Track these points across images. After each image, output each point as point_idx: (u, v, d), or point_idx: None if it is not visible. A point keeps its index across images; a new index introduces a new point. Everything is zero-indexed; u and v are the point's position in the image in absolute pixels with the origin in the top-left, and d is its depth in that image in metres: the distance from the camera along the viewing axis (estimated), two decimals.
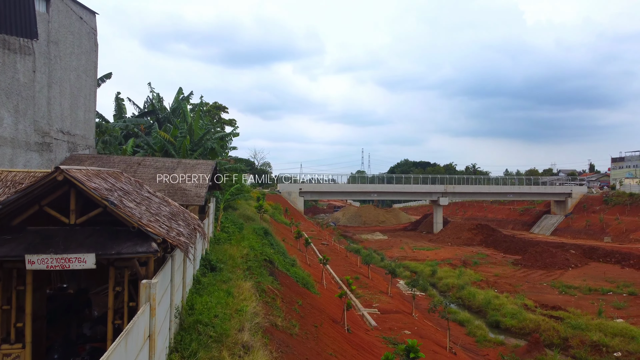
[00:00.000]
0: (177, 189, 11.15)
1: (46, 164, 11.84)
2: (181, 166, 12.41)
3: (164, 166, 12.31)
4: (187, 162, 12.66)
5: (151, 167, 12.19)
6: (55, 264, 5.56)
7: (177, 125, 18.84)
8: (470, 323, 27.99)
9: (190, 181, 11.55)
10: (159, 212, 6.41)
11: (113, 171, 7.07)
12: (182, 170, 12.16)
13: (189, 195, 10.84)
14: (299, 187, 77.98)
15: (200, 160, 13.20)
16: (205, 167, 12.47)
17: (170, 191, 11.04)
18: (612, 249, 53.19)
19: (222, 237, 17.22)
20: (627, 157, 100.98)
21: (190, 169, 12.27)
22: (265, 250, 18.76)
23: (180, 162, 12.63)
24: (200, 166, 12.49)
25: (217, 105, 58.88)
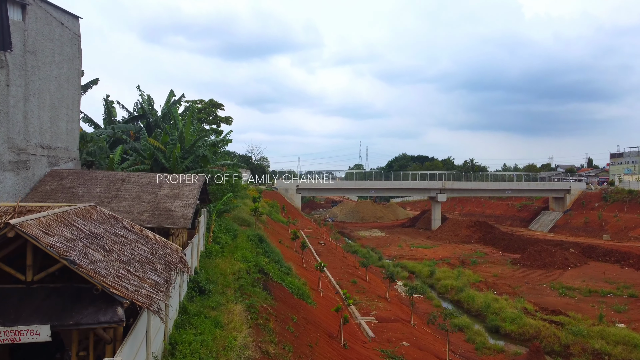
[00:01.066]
0: (162, 209, 10.51)
1: (23, 183, 11.16)
2: (168, 182, 11.73)
3: (149, 183, 11.65)
4: (174, 179, 11.98)
5: (136, 184, 11.53)
6: (3, 337, 4.91)
7: (167, 132, 18.15)
8: (469, 329, 27.49)
9: (177, 200, 10.90)
10: (133, 258, 5.78)
11: (84, 208, 6.42)
12: (168, 187, 11.49)
13: (174, 217, 10.21)
14: (296, 184, 77.34)
15: (188, 176, 12.55)
16: (193, 184, 11.80)
17: (155, 212, 10.41)
18: (611, 248, 52.79)
19: (213, 249, 16.60)
20: (626, 153, 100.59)
21: (177, 186, 11.60)
22: (259, 261, 18.16)
23: (166, 178, 12.00)
24: (188, 183, 11.83)
25: (212, 103, 57.95)
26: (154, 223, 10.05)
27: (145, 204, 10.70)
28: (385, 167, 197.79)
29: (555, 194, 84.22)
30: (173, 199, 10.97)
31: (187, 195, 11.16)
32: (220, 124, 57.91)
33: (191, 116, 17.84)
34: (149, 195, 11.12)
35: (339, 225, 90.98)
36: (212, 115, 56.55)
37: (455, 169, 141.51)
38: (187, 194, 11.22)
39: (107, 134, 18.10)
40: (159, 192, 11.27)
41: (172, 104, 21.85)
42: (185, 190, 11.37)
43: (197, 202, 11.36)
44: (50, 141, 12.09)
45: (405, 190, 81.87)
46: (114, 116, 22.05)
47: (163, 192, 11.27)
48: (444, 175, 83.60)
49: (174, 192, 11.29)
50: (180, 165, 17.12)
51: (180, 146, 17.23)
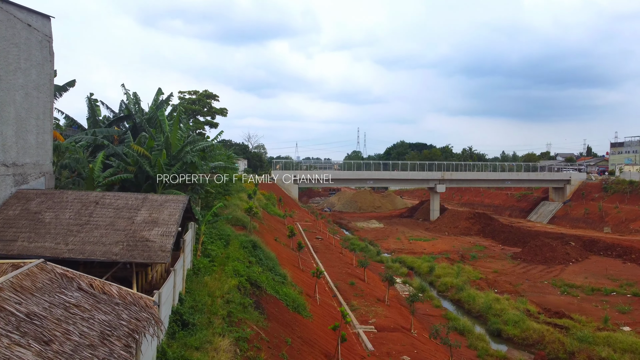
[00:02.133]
0: (138, 239, 9.41)
1: None
2: (147, 204, 10.58)
3: (126, 205, 10.51)
4: (155, 200, 10.83)
5: (111, 207, 10.39)
6: None
7: (153, 136, 16.95)
8: (471, 333, 26.66)
9: (156, 227, 9.78)
10: (81, 344, 4.71)
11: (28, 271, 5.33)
12: (147, 211, 10.34)
13: (152, 248, 9.12)
14: (293, 174, 76.20)
15: (170, 195, 11.40)
16: (175, 204, 10.65)
17: (130, 243, 9.31)
18: (612, 242, 52.03)
19: (202, 264, 15.53)
20: (626, 142, 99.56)
21: (157, 208, 10.44)
22: (251, 274, 17.11)
23: (146, 199, 10.81)
24: (169, 204, 10.64)
25: (207, 94, 56.42)
26: (128, 257, 8.97)
27: (119, 232, 9.58)
28: (384, 154, 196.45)
29: (555, 184, 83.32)
30: (151, 225, 9.86)
31: (167, 221, 10.03)
32: (215, 116, 56.54)
33: (179, 119, 16.64)
34: (125, 221, 9.99)
35: (337, 216, 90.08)
36: (207, 106, 55.11)
37: (454, 157, 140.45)
38: (167, 219, 10.10)
39: (87, 140, 16.89)
40: (136, 217, 10.14)
41: (159, 104, 20.58)
42: (165, 215, 10.24)
43: (179, 228, 10.25)
44: (16, 157, 10.92)
45: (404, 180, 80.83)
46: (98, 115, 20.79)
47: (140, 217, 10.13)
48: (443, 165, 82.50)
49: (152, 216, 10.16)
50: (167, 172, 15.96)
51: (167, 152, 16.06)
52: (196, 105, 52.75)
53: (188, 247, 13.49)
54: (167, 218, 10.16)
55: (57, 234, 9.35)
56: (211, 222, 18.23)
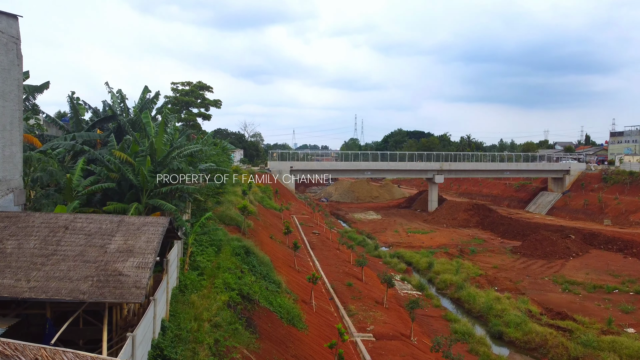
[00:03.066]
0: (110, 273, 8.38)
1: None
2: (123, 228, 9.51)
3: (99, 230, 9.43)
4: (131, 223, 9.76)
5: (82, 232, 9.32)
6: None
7: (137, 140, 15.85)
8: (472, 337, 25.90)
9: (132, 258, 8.74)
10: None
11: None
12: (122, 236, 9.28)
13: (125, 284, 8.11)
14: (290, 165, 75.09)
15: (149, 218, 10.34)
16: (154, 229, 9.57)
17: (101, 278, 8.29)
18: (613, 235, 51.32)
19: (190, 279, 14.55)
20: (626, 132, 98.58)
21: (133, 233, 9.38)
22: (243, 287, 16.16)
23: (122, 222, 9.75)
24: (148, 228, 9.56)
25: (200, 85, 54.93)
26: (98, 295, 7.93)
27: (90, 265, 8.54)
28: (381, 142, 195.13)
29: (554, 174, 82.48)
30: (126, 255, 8.82)
31: (144, 249, 8.99)
32: (209, 107, 55.15)
33: (164, 122, 15.53)
34: (96, 250, 8.94)
35: (334, 206, 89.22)
36: (200, 98, 53.69)
37: (452, 145, 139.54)
38: (144, 247, 9.05)
39: (65, 147, 15.76)
40: (110, 245, 9.09)
41: (144, 104, 19.36)
42: (142, 242, 9.19)
43: (157, 257, 9.23)
44: None
45: (402, 171, 79.86)
46: (81, 115, 19.63)
47: (114, 245, 9.08)
48: (442, 155, 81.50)
49: (128, 244, 9.11)
50: (152, 180, 14.90)
51: (151, 159, 14.98)
52: (189, 97, 51.37)
53: (172, 266, 12.49)
54: (144, 246, 9.12)
55: (18, 268, 8.32)
56: (200, 234, 17.22)
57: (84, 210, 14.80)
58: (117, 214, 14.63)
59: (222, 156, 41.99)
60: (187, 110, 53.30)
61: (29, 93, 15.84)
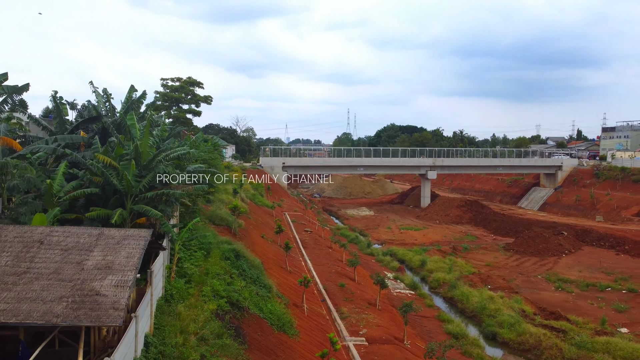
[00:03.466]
0: (87, 292, 7.89)
1: None
2: (102, 242, 8.98)
3: (76, 245, 8.90)
4: (111, 236, 9.24)
5: (58, 247, 8.79)
6: None
7: (122, 143, 15.28)
8: (465, 337, 25.65)
9: (110, 275, 8.24)
10: None
11: None
12: (101, 251, 8.76)
13: (102, 306, 7.62)
14: (282, 161, 74.51)
15: (130, 230, 9.82)
16: (135, 242, 9.05)
17: (77, 299, 7.79)
18: (605, 232, 51.41)
19: (177, 288, 14.05)
20: (617, 127, 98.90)
21: (113, 247, 8.86)
22: (232, 294, 15.68)
23: (101, 236, 9.22)
24: (128, 242, 9.03)
25: (191, 81, 54.01)
26: (72, 318, 7.43)
27: (65, 284, 8.03)
28: (374, 137, 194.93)
29: (547, 170, 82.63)
30: (105, 272, 8.32)
31: (124, 265, 8.49)
32: (200, 104, 54.29)
33: (150, 124, 14.96)
34: (73, 267, 8.43)
35: (327, 202, 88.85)
36: (190, 94, 52.82)
37: (445, 140, 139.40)
38: (124, 263, 8.55)
39: (46, 151, 15.13)
40: (87, 261, 8.58)
41: (131, 104, 18.69)
42: (122, 257, 8.68)
43: (138, 274, 8.72)
44: None
45: (395, 167, 79.56)
46: (65, 115, 18.99)
47: (92, 261, 8.57)
48: (434, 151, 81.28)
49: (107, 259, 8.60)
50: (137, 185, 14.36)
51: (136, 163, 14.43)
52: (179, 93, 50.51)
53: (158, 276, 11.98)
54: (123, 262, 8.63)
55: None
56: (188, 240, 16.68)
57: (66, 217, 14.26)
58: (101, 220, 14.12)
59: (213, 153, 41.38)
60: (178, 106, 52.52)
61: (8, 94, 15.20)
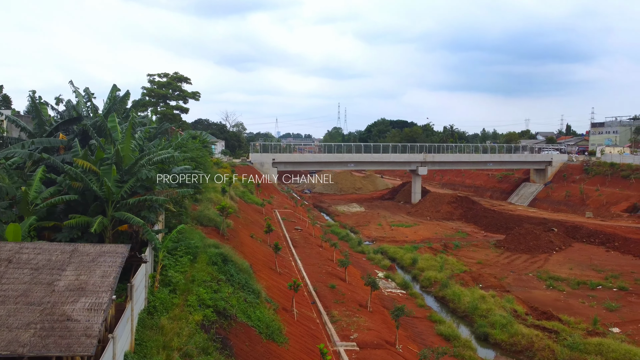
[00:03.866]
0: (57, 318, 7.31)
1: None
2: (75, 260, 8.36)
3: (48, 263, 8.28)
4: (86, 253, 8.64)
5: (28, 266, 8.17)
6: None
7: (102, 146, 14.61)
8: (457, 339, 25.38)
9: (83, 297, 7.65)
10: None
11: None
12: (74, 270, 8.16)
13: (73, 332, 7.05)
14: (272, 157, 73.90)
15: (107, 246, 9.22)
16: (111, 260, 8.43)
17: (46, 325, 7.22)
18: (595, 228, 51.54)
19: (160, 299, 13.46)
20: (607, 123, 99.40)
21: (87, 266, 8.25)
22: (219, 302, 15.14)
23: (75, 253, 8.59)
24: (104, 259, 8.41)
25: (178, 77, 52.99)
26: (40, 348, 6.85)
27: (33, 308, 7.43)
28: (364, 131, 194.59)
29: (537, 165, 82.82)
30: (77, 294, 7.72)
31: (99, 286, 7.89)
32: (187, 100, 53.34)
33: (131, 127, 14.31)
34: (43, 289, 7.83)
35: (317, 198, 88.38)
36: (178, 90, 51.84)
37: (435, 135, 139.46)
38: (98, 283, 7.95)
39: (21, 156, 14.42)
40: (59, 282, 7.98)
41: (113, 105, 17.94)
42: (97, 277, 8.08)
43: (114, 297, 8.11)
44: None
45: (386, 163, 79.25)
46: (45, 116, 18.24)
47: (64, 282, 7.97)
48: (425, 147, 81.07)
49: (80, 279, 7.99)
50: (118, 191, 13.73)
51: (117, 167, 13.80)
52: (166, 90, 49.54)
53: (139, 290, 11.39)
54: (98, 282, 8.05)
55: None
56: (172, 249, 16.07)
57: (44, 225, 13.62)
58: (80, 227, 13.51)
59: (202, 151, 40.62)
60: (165, 103, 51.54)
61: None
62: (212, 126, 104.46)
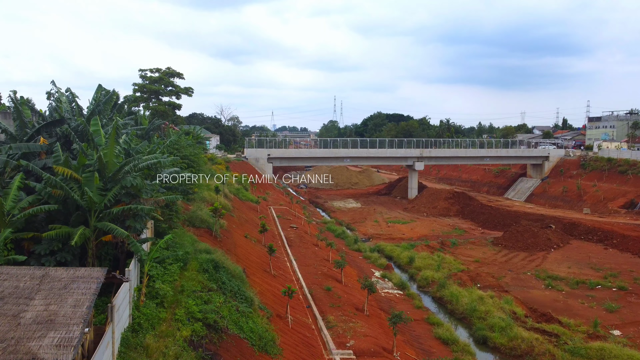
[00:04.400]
0: (21, 356, 6.59)
1: None
2: (45, 286, 7.61)
3: (15, 291, 7.51)
4: (57, 278, 7.88)
5: None
6: None
7: (84, 152, 13.82)
8: (456, 343, 24.85)
9: (52, 331, 6.91)
10: None
11: None
12: (43, 299, 7.40)
13: None
14: (267, 152, 73.08)
15: (81, 270, 8.47)
16: (85, 286, 7.67)
17: None
18: (593, 226, 51.07)
19: (146, 314, 12.73)
20: (603, 117, 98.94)
21: (58, 294, 7.49)
22: (209, 314, 14.44)
23: (45, 278, 7.84)
24: (77, 285, 7.66)
25: (170, 72, 51.90)
26: None
27: None
28: (360, 125, 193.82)
29: (534, 160, 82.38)
30: (46, 327, 6.99)
31: (70, 317, 7.14)
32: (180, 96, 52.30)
33: (116, 131, 13.51)
34: (7, 321, 7.07)
35: (313, 193, 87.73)
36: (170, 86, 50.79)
37: (432, 129, 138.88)
38: (69, 315, 7.19)
39: None
40: (26, 313, 7.23)
41: (96, 106, 17.07)
42: (68, 307, 7.33)
43: (86, 329, 7.41)
44: None
45: (382, 158, 78.59)
46: (26, 117, 17.39)
47: (32, 313, 7.22)
48: (422, 142, 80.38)
49: (49, 310, 7.25)
50: (101, 200, 12.97)
51: (100, 175, 13.03)
52: (158, 85, 48.48)
53: (121, 308, 10.66)
54: (69, 313, 7.32)
55: None
56: (158, 260, 15.30)
57: (22, 237, 12.86)
58: (61, 239, 12.75)
59: (195, 148, 39.77)
60: (157, 98, 50.49)
61: None
62: (207, 120, 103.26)
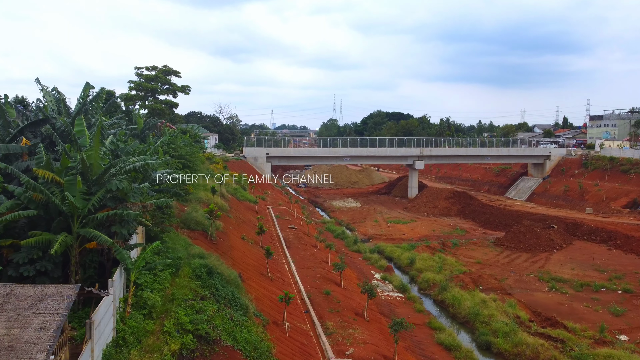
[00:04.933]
0: None
1: None
2: (9, 307, 6.80)
3: None
4: (23, 296, 7.10)
5: None
6: None
7: (67, 153, 13.03)
8: (458, 350, 24.09)
9: None
10: None
11: None
12: (5, 321, 6.59)
13: None
14: (265, 151, 72.33)
15: (50, 287, 7.70)
16: (53, 306, 6.87)
17: None
18: (596, 226, 50.32)
19: (132, 327, 11.94)
20: (605, 116, 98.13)
21: (23, 315, 6.68)
22: (201, 325, 13.66)
23: (9, 297, 7.06)
24: (45, 305, 6.87)
25: (167, 70, 50.99)
26: None
27: None
28: (360, 123, 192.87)
29: (535, 159, 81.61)
30: (5, 356, 6.15)
31: (35, 343, 6.33)
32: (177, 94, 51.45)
33: (100, 131, 12.72)
34: None
35: (312, 192, 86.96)
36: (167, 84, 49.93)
37: (432, 128, 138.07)
38: (34, 339, 6.39)
39: None
40: None
41: (83, 105, 16.27)
42: (33, 330, 6.52)
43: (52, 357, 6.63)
44: None
45: (382, 157, 77.81)
46: (10, 117, 16.60)
47: None
48: (422, 141, 79.57)
49: (12, 334, 6.47)
50: (85, 205, 12.18)
51: (84, 178, 12.25)
52: (154, 84, 47.63)
53: (103, 322, 9.86)
54: (34, 338, 6.53)
55: None
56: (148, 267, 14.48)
57: (0, 244, 12.07)
58: (42, 246, 11.97)
59: (193, 147, 38.97)
60: (153, 97, 49.61)
61: None
62: (206, 119, 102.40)
